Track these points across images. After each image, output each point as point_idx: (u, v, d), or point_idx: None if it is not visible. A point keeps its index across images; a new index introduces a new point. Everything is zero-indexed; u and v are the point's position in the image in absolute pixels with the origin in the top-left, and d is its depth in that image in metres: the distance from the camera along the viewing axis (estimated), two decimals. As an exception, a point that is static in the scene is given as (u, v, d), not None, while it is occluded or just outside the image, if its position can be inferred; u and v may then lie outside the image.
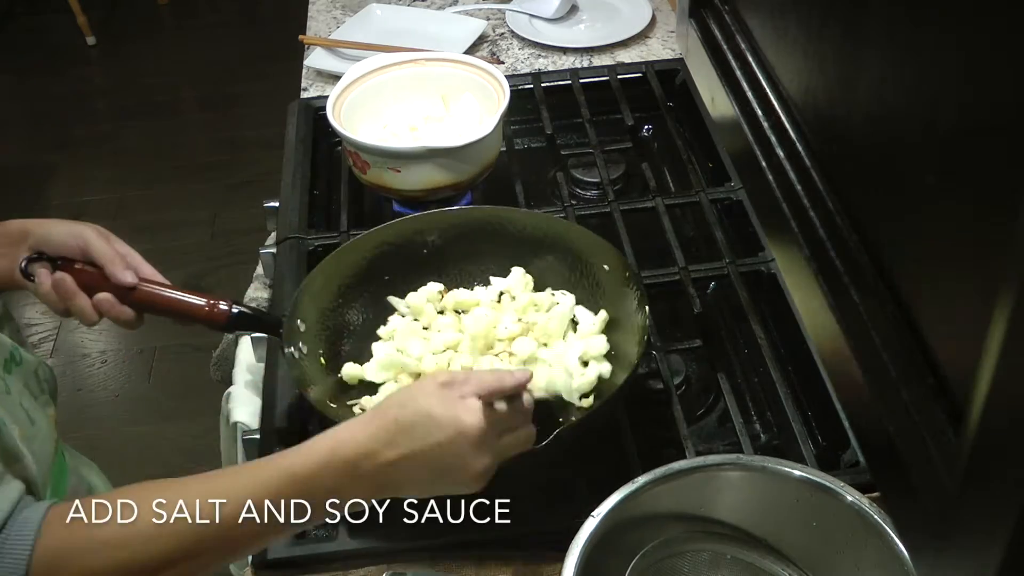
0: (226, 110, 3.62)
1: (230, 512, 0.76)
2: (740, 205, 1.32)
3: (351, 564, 0.95)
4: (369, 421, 0.80)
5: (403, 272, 1.17)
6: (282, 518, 0.77)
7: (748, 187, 1.23)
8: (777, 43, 0.84)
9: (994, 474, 0.46)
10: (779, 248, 0.84)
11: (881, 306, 0.61)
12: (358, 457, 0.78)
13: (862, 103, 0.66)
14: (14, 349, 0.96)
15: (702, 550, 0.89)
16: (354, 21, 1.80)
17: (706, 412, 1.14)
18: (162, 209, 3.18)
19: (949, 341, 0.54)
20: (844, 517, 0.82)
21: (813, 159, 0.74)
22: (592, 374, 1.04)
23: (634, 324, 1.05)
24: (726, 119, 0.93)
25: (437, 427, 0.79)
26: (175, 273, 0.97)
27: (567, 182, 1.43)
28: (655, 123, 1.56)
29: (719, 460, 0.87)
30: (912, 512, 0.57)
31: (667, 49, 1.70)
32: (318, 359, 1.08)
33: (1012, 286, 0.42)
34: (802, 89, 0.78)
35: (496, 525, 0.98)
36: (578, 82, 1.55)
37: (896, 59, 0.60)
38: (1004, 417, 0.45)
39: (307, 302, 1.09)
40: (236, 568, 1.40)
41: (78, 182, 3.31)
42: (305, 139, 1.50)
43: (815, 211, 0.72)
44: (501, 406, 0.82)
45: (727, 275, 1.22)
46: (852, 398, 0.67)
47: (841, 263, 0.67)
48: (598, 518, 0.81)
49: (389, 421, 0.79)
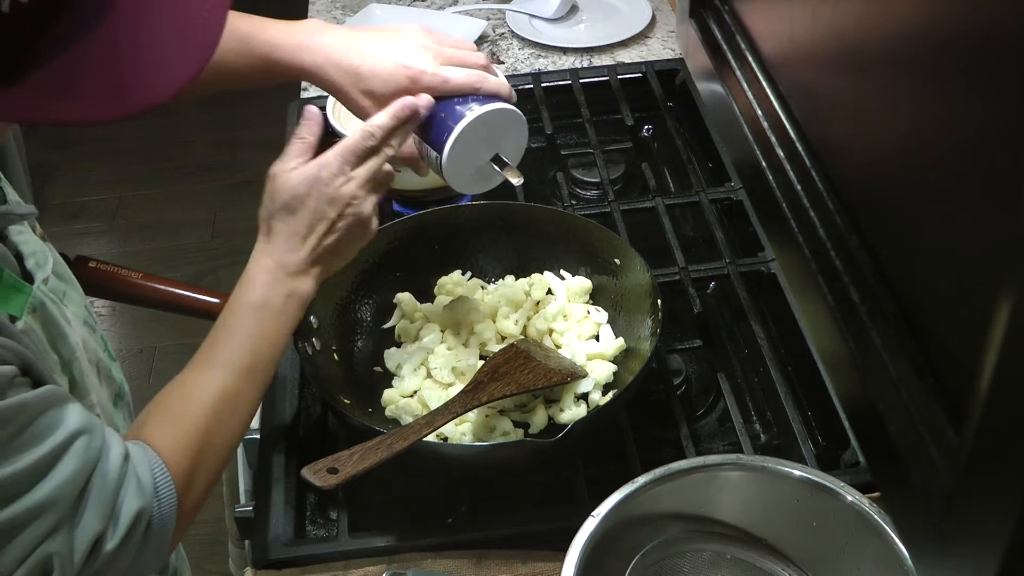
0: (226, 110, 3.62)
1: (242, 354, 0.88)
2: (740, 205, 1.32)
3: (351, 563, 0.95)
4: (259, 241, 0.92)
5: (414, 268, 1.18)
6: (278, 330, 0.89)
7: (748, 187, 1.23)
8: (777, 43, 0.84)
9: (994, 474, 0.46)
10: (779, 248, 0.84)
11: (881, 306, 0.61)
12: (273, 264, 0.89)
13: (862, 103, 0.66)
14: (121, 384, 0.97)
15: (702, 550, 0.89)
16: (354, 21, 1.80)
17: (706, 412, 1.14)
18: (162, 209, 3.18)
19: (949, 341, 0.54)
20: (844, 517, 0.82)
21: (813, 159, 0.74)
22: (607, 369, 1.06)
23: (646, 323, 1.06)
24: (726, 119, 0.93)
25: (287, 188, 0.90)
26: (175, 273, 0.98)
27: (567, 182, 1.43)
28: (655, 123, 1.56)
29: (719, 460, 0.87)
30: (912, 512, 0.57)
31: (667, 49, 1.70)
32: (331, 354, 1.09)
33: (1012, 286, 0.42)
34: (802, 89, 0.78)
35: (496, 525, 0.98)
36: (578, 82, 1.55)
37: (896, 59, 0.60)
38: (1004, 417, 0.45)
39: (319, 298, 1.10)
40: (236, 568, 1.40)
41: (78, 182, 3.31)
42: (305, 139, 1.50)
43: (815, 211, 0.72)
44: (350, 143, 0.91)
45: (727, 275, 1.22)
46: (852, 398, 0.67)
47: (841, 263, 0.67)
48: (598, 518, 0.81)
49: (265, 224, 0.91)
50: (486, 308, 1.13)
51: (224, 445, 0.86)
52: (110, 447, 0.75)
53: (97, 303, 2.85)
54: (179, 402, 0.85)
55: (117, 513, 0.74)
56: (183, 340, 2.52)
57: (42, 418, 0.70)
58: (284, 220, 0.90)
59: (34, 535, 0.69)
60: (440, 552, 0.95)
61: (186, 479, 0.80)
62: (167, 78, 0.63)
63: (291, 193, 0.89)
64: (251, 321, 0.88)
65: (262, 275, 0.90)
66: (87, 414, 0.75)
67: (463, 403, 0.95)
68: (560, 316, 1.12)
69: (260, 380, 0.89)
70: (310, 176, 0.89)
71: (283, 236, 0.90)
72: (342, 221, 0.90)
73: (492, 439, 1.01)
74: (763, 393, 1.14)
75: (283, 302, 0.90)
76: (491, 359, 1.01)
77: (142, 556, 0.77)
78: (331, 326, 1.11)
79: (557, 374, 1.01)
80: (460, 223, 1.20)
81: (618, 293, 1.14)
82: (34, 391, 0.70)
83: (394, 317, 1.17)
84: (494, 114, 0.94)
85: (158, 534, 0.78)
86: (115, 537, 0.74)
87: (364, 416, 1.03)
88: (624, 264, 1.13)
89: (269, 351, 0.89)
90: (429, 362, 1.09)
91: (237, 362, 0.87)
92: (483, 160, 0.97)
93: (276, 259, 0.90)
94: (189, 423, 0.83)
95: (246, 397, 0.87)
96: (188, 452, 0.81)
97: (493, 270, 1.22)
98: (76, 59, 0.61)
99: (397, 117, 0.92)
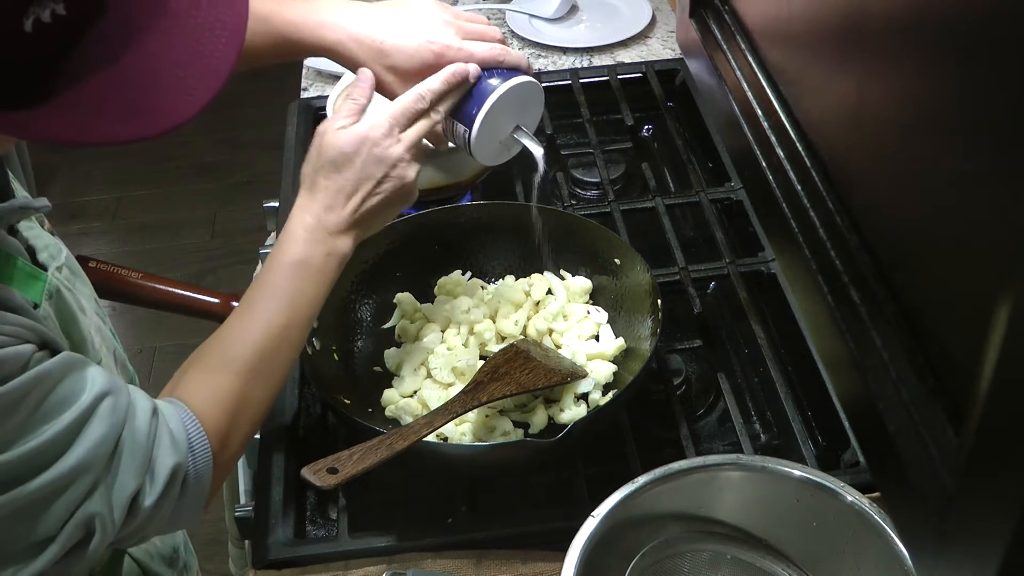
0: (226, 110, 3.62)
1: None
2: (740, 205, 1.32)
3: (351, 564, 0.95)
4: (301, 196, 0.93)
5: (414, 268, 1.19)
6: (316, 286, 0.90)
7: (748, 187, 1.23)
8: (777, 43, 0.84)
9: (993, 473, 0.46)
10: (779, 248, 0.84)
11: (881, 306, 0.61)
12: (314, 221, 0.90)
13: (862, 103, 0.66)
14: (134, 376, 0.98)
15: (702, 550, 0.89)
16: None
17: (706, 412, 1.14)
18: (162, 209, 3.18)
19: (949, 341, 0.54)
20: (844, 517, 0.82)
21: (813, 159, 0.74)
22: (607, 369, 1.06)
23: (646, 323, 1.06)
24: (726, 119, 0.93)
25: (335, 146, 0.90)
26: (175, 273, 0.98)
27: (567, 182, 1.43)
28: (655, 123, 1.56)
29: (719, 460, 0.87)
30: (912, 512, 0.57)
31: (667, 49, 1.70)
32: (331, 354, 1.09)
33: (1012, 286, 0.42)
34: (802, 88, 0.78)
35: (496, 525, 0.98)
36: (578, 82, 1.55)
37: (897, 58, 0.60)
38: (1004, 417, 0.45)
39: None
40: (236, 568, 1.40)
41: (78, 182, 3.31)
42: (305, 139, 1.50)
43: (815, 211, 0.72)
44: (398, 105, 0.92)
45: (727, 275, 1.22)
46: (852, 398, 0.67)
47: (841, 263, 0.67)
48: (598, 518, 0.81)
49: (309, 179, 0.92)
50: (486, 308, 1.13)
51: (261, 400, 0.87)
52: (137, 405, 0.76)
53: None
54: (215, 357, 0.86)
55: (152, 469, 0.76)
56: (183, 340, 2.52)
57: (64, 383, 0.71)
58: (330, 177, 0.90)
59: (72, 498, 0.71)
60: (440, 552, 0.95)
61: (222, 433, 0.82)
62: (186, 100, 0.65)
63: (339, 150, 0.90)
64: (290, 278, 0.89)
65: (303, 232, 0.90)
66: (110, 375, 0.76)
67: (463, 403, 0.95)
68: (560, 316, 1.12)
69: (296, 337, 0.90)
70: (360, 135, 0.90)
71: (327, 193, 0.90)
72: (387, 182, 0.91)
73: (492, 439, 1.01)
74: (763, 393, 1.14)
75: (323, 260, 0.90)
76: (491, 359, 1.01)
77: (181, 510, 0.79)
78: (331, 326, 1.10)
79: (557, 374, 1.01)
80: (460, 223, 1.20)
81: (618, 293, 1.14)
82: (53, 359, 0.71)
83: (394, 317, 1.17)
84: (520, 87, 0.96)
85: (195, 488, 0.79)
86: (153, 493, 0.76)
87: (364, 416, 1.03)
88: (624, 264, 1.13)
89: (306, 309, 0.90)
90: (429, 362, 1.09)
91: (274, 319, 0.88)
92: (505, 132, 0.99)
93: (318, 216, 0.90)
94: (224, 378, 0.84)
95: (283, 352, 0.88)
96: (223, 406, 0.83)
97: (493, 270, 1.22)
98: (102, 82, 0.62)
99: (449, 82, 0.93)
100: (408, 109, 0.91)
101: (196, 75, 0.65)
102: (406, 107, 0.91)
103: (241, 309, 0.89)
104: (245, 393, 0.85)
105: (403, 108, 0.91)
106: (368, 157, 0.89)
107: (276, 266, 0.90)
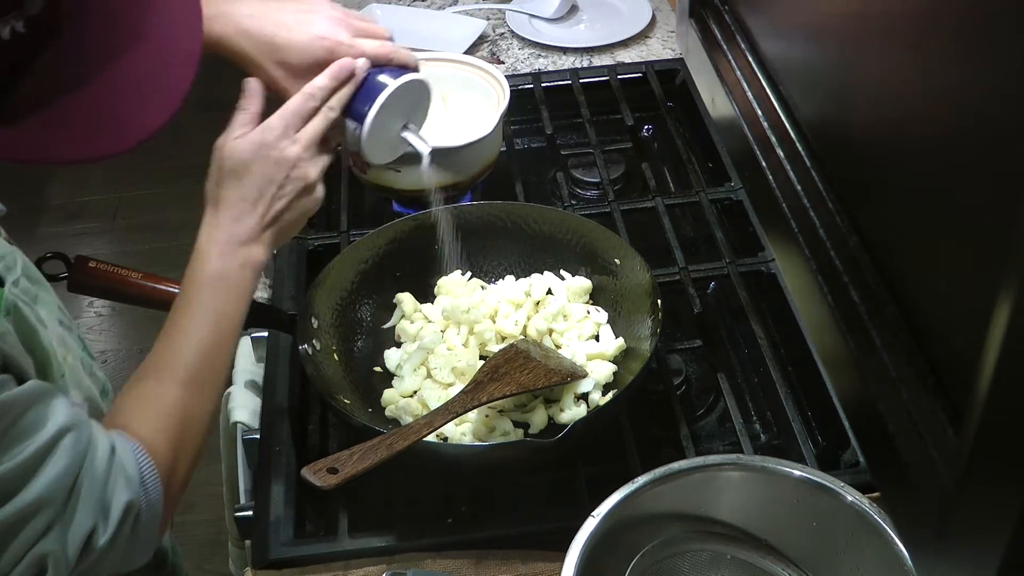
0: (226, 110, 3.62)
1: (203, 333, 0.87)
2: (740, 205, 1.32)
3: (351, 564, 0.95)
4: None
5: (414, 268, 1.19)
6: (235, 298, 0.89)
7: (748, 187, 1.23)
8: (777, 43, 0.84)
9: (993, 473, 0.46)
10: (779, 248, 0.84)
11: (881, 306, 0.61)
12: (224, 236, 0.89)
13: (862, 103, 0.66)
14: (106, 382, 0.97)
15: (702, 550, 0.89)
16: (354, 21, 1.80)
17: (706, 412, 1.14)
18: (162, 209, 3.18)
19: (949, 340, 0.54)
20: (844, 517, 0.82)
21: (813, 159, 0.74)
22: (607, 369, 1.06)
23: (646, 323, 1.06)
24: (726, 119, 0.93)
25: (232, 156, 0.89)
26: (175, 273, 0.98)
27: (567, 182, 1.43)
28: (655, 123, 1.56)
29: (719, 460, 0.87)
30: (912, 512, 0.57)
31: (667, 49, 1.70)
32: (331, 354, 1.09)
33: (1012, 286, 0.42)
34: (802, 89, 0.78)
35: (496, 525, 0.98)
36: (578, 82, 1.55)
37: (897, 59, 0.60)
38: (1003, 417, 0.45)
39: (320, 299, 1.10)
40: (236, 568, 1.40)
41: (78, 182, 3.31)
42: (305, 139, 1.50)
43: (815, 211, 0.72)
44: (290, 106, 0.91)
45: (727, 275, 1.22)
46: (852, 398, 0.67)
47: (841, 263, 0.67)
48: (598, 518, 0.81)
49: (212, 195, 0.91)
50: (486, 308, 1.13)
51: (201, 419, 0.86)
52: (97, 442, 0.75)
53: (97, 303, 2.86)
54: (151, 388, 0.85)
55: (107, 507, 0.74)
56: (183, 340, 2.52)
57: (28, 414, 0.70)
58: (231, 187, 0.90)
59: (28, 536, 0.69)
60: (440, 552, 0.95)
61: (169, 463, 0.81)
62: (149, 116, 0.66)
63: (237, 160, 0.89)
64: (209, 295, 0.88)
65: (215, 248, 0.89)
66: (73, 409, 0.75)
67: (463, 403, 0.95)
68: (560, 316, 1.12)
69: (225, 351, 0.89)
70: (255, 141, 0.90)
71: (231, 204, 0.90)
72: (289, 184, 0.90)
73: (492, 439, 1.01)
74: (763, 393, 1.14)
75: (239, 272, 0.89)
76: (491, 359, 1.01)
77: (134, 546, 0.77)
78: (331, 326, 1.10)
79: (557, 374, 1.01)
80: (460, 223, 1.20)
81: (618, 293, 1.14)
82: (18, 388, 0.70)
83: (394, 317, 1.17)
84: (411, 85, 0.97)
85: (147, 523, 0.78)
86: (107, 532, 0.74)
87: (364, 416, 1.03)
88: (624, 264, 1.13)
89: (229, 323, 0.89)
90: (429, 362, 1.09)
91: (201, 338, 0.87)
92: (395, 131, 0.99)
93: (226, 230, 0.90)
94: (163, 407, 0.83)
95: (214, 369, 0.88)
96: (167, 435, 0.82)
97: (493, 270, 1.22)
98: (65, 102, 0.63)
99: (336, 77, 0.92)
100: (299, 108, 0.91)
101: (156, 91, 0.66)
102: (296, 107, 0.91)
103: (166, 334, 0.87)
104: (185, 418, 0.84)
105: (294, 109, 0.91)
106: (266, 161, 0.89)
107: (195, 285, 0.89)
